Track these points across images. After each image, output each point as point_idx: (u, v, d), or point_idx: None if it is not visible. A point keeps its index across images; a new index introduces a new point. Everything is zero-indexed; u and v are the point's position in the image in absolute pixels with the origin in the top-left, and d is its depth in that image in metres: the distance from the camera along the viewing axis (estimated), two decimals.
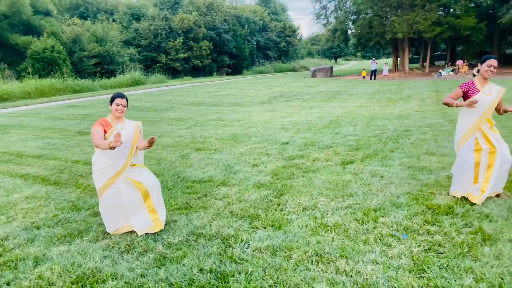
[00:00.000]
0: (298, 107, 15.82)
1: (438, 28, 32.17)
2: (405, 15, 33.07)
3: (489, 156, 4.45)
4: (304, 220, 4.19)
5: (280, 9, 78.39)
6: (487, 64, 4.34)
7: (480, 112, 4.39)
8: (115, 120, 3.98)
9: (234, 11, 59.19)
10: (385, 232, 3.80)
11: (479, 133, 4.45)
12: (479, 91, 4.40)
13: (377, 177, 5.61)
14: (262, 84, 31.41)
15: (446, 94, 17.65)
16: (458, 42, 41.14)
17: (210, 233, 3.97)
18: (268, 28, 65.43)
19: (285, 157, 7.12)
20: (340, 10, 42.25)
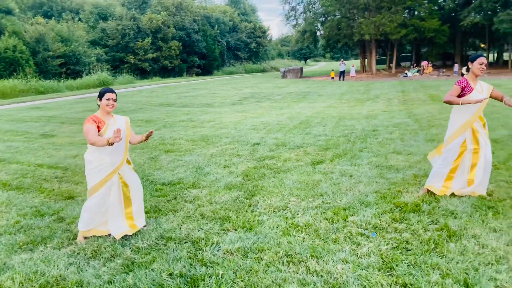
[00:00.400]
0: (269, 107, 15.87)
1: (404, 30, 33.08)
2: (372, 17, 33.81)
3: (473, 156, 4.54)
4: (275, 220, 4.18)
5: (250, 10, 78.53)
6: (478, 61, 4.41)
7: (473, 110, 4.46)
8: (105, 115, 3.86)
9: (204, 12, 58.83)
10: (355, 231, 3.85)
11: (469, 132, 4.51)
12: (473, 89, 4.46)
13: (346, 176, 5.68)
14: (232, 84, 31.35)
15: (411, 95, 18.19)
16: (422, 43, 42.45)
17: (180, 237, 3.90)
18: (238, 28, 65.40)
19: (256, 157, 7.11)
20: (309, 11, 42.74)
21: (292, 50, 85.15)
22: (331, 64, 71.17)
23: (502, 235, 3.60)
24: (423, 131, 8.86)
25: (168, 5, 50.64)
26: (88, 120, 3.75)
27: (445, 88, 20.23)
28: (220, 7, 67.19)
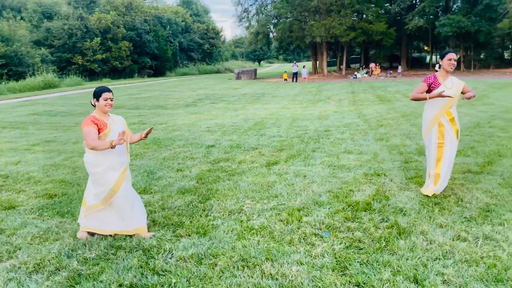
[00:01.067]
0: (224, 109, 15.79)
1: (353, 33, 34.14)
2: (322, 20, 34.63)
3: (438, 150, 4.63)
4: (230, 224, 4.12)
5: (202, 10, 77.96)
6: (447, 57, 4.47)
7: (440, 105, 4.54)
8: (103, 116, 3.77)
9: (155, 12, 57.70)
10: (309, 231, 3.87)
11: (436, 127, 4.60)
12: (441, 84, 4.52)
13: (300, 177, 5.72)
14: (186, 86, 30.94)
15: (361, 96, 18.77)
16: (371, 46, 44.05)
17: (130, 245, 3.75)
18: (191, 29, 64.73)
19: (211, 160, 7.01)
20: (262, 13, 43.06)
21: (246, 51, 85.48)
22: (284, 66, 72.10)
23: (448, 230, 3.75)
24: (372, 130, 9.14)
25: (118, 5, 49.20)
26: (87, 122, 3.63)
27: (392, 89, 21.07)
28: (172, 8, 66.18)
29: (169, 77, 50.66)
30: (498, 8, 30.99)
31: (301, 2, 34.78)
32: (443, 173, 4.62)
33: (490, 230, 3.69)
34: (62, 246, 3.77)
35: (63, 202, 5.05)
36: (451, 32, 32.08)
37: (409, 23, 34.66)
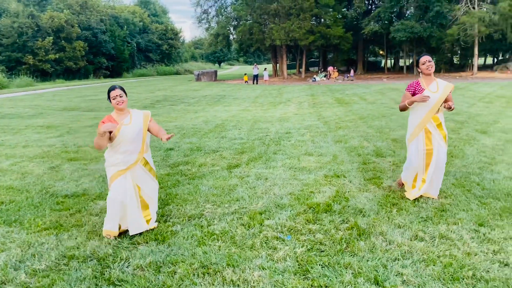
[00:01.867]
0: (183, 111, 15.54)
1: (312, 37, 34.71)
2: (282, 23, 34.96)
3: (426, 156, 4.50)
4: (190, 230, 4.01)
5: (160, 11, 76.67)
6: (421, 61, 4.40)
7: (426, 110, 4.41)
8: (120, 114, 3.85)
9: (112, 11, 56.11)
10: (271, 235, 3.82)
11: (422, 133, 4.48)
12: (425, 89, 4.41)
13: (261, 180, 5.69)
14: (144, 87, 30.26)
15: (320, 98, 19.07)
16: (329, 50, 44.97)
17: (84, 255, 3.55)
18: (149, 30, 63.49)
19: (170, 164, 6.84)
20: (221, 15, 42.91)
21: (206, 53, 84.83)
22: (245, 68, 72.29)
23: (406, 230, 3.83)
24: (331, 132, 9.28)
25: (72, 3, 47.44)
26: (101, 122, 3.75)
27: (350, 92, 21.58)
28: (129, 8, 64.63)
29: (126, 78, 49.43)
30: (447, 15, 32.55)
31: (260, 5, 34.97)
32: (429, 178, 4.52)
33: (446, 230, 3.80)
34: (8, 258, 3.53)
35: (11, 210, 4.74)
36: (405, 37, 33.34)
37: (365, 28, 35.73)
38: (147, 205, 4.01)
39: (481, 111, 12.09)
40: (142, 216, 3.97)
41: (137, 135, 3.83)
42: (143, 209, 3.98)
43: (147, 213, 4.02)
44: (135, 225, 3.90)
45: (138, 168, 3.91)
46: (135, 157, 3.84)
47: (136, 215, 3.90)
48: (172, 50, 67.41)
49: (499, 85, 22.55)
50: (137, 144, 3.84)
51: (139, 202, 3.93)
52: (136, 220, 3.90)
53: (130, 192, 3.85)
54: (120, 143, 3.77)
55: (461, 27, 30.43)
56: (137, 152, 3.86)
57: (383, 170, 6.02)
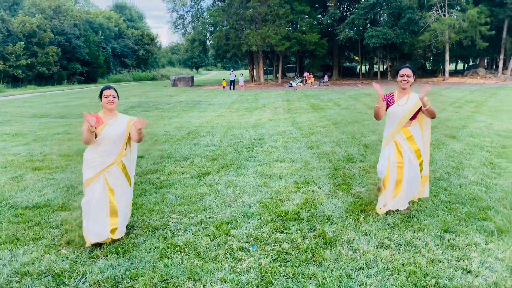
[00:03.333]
0: (157, 117, 15.31)
1: (288, 43, 34.91)
2: (258, 29, 35.06)
3: (397, 171, 4.30)
4: (153, 242, 3.88)
5: (137, 16, 75.85)
6: (400, 74, 4.26)
7: (395, 121, 4.30)
8: (107, 114, 3.87)
9: (86, 16, 55.12)
10: (236, 245, 3.73)
11: (392, 146, 4.35)
12: (395, 102, 4.31)
13: (231, 188, 5.59)
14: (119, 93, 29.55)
15: (295, 104, 19.13)
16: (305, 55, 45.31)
17: (39, 270, 3.38)
18: (125, 35, 62.68)
19: (138, 172, 6.65)
20: (198, 21, 42.75)
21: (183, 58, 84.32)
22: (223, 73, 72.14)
23: (372, 238, 3.80)
24: (304, 138, 9.27)
25: (44, 8, 46.37)
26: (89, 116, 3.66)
27: (325, 98, 21.74)
28: (105, 13, 63.69)
29: (102, 84, 48.50)
30: (419, 22, 33.28)
31: (237, 11, 35.00)
32: (403, 194, 4.33)
33: (411, 237, 3.79)
34: None
35: None
36: (378, 43, 33.90)
37: (340, 34, 36.16)
38: (116, 212, 3.87)
39: (451, 116, 12.34)
40: (108, 224, 3.83)
41: (119, 137, 3.81)
42: (111, 217, 3.85)
43: (114, 222, 3.87)
44: (97, 231, 3.77)
45: (115, 170, 3.86)
46: (113, 159, 3.82)
47: (101, 221, 3.78)
48: (149, 56, 66.71)
49: (469, 90, 23.16)
50: (117, 146, 3.82)
51: (108, 208, 3.83)
52: (99, 226, 3.77)
53: (100, 196, 3.77)
54: (101, 142, 3.77)
55: (432, 34, 31.17)
56: (116, 154, 3.83)
57: (353, 176, 6.02)
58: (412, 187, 4.38)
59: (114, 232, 3.87)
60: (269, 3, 34.19)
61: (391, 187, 4.34)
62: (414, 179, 4.34)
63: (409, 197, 4.45)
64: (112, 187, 3.86)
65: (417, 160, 4.31)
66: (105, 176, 3.82)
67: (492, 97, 18.76)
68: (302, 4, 36.19)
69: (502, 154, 7.15)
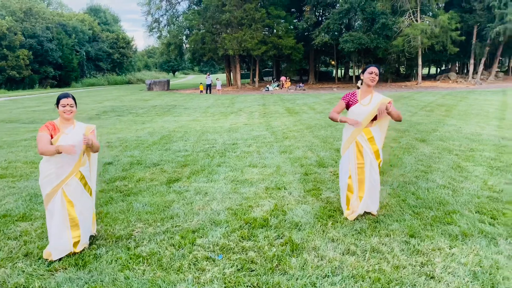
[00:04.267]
0: (130, 122, 15.05)
1: (264, 47, 35.01)
2: (234, 33, 35.03)
3: (358, 171, 4.33)
4: (115, 253, 3.75)
5: (112, 19, 74.79)
6: (368, 71, 4.24)
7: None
8: (64, 123, 3.72)
9: (59, 19, 53.98)
10: (201, 255, 3.64)
11: (353, 146, 4.32)
12: (358, 102, 4.29)
13: (201, 194, 5.50)
14: (92, 97, 29.21)
15: (271, 108, 19.15)
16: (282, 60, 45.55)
17: None
18: (99, 38, 61.68)
19: (106, 179, 6.49)
20: (173, 24, 42.41)
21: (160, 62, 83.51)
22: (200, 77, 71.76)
23: (339, 244, 3.78)
24: (278, 143, 9.25)
25: (15, 10, 45.13)
26: (42, 127, 3.64)
27: (301, 102, 21.86)
28: (78, 15, 62.47)
29: (75, 88, 47.57)
30: (393, 27, 33.93)
31: (212, 15, 34.89)
32: (366, 194, 4.33)
33: (377, 242, 3.78)
34: None
35: None
36: (353, 48, 34.40)
37: (316, 39, 36.52)
38: (77, 225, 3.72)
39: (422, 119, 12.57)
40: (70, 237, 3.69)
41: (76, 147, 3.60)
42: (72, 230, 3.71)
43: (76, 234, 3.73)
44: (58, 247, 3.64)
45: (73, 182, 3.70)
46: (69, 170, 3.66)
47: (63, 235, 3.64)
48: (124, 59, 65.83)
49: (440, 94, 23.70)
50: (73, 157, 3.65)
51: (68, 221, 3.68)
52: (61, 241, 3.64)
53: (59, 209, 3.63)
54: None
55: (405, 39, 31.81)
56: (72, 165, 3.67)
57: (323, 181, 6.01)
58: (376, 190, 4.38)
59: (76, 245, 3.73)
60: (245, 7, 34.24)
61: (355, 191, 4.36)
62: (376, 181, 4.35)
63: (376, 200, 4.44)
64: (71, 199, 3.70)
65: (376, 161, 4.34)
66: (63, 188, 3.65)
67: (462, 101, 19.25)
68: (278, 8, 36.41)
69: (469, 157, 7.29)
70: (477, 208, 4.65)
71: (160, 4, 41.53)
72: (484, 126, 10.95)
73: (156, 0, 41.46)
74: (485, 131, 10.05)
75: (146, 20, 48.07)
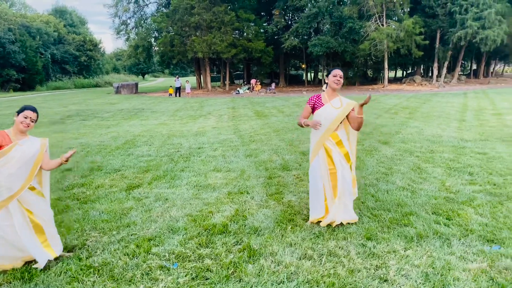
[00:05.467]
0: (94, 126, 14.65)
1: (234, 50, 34.94)
2: (204, 36, 34.81)
3: (331, 177, 4.21)
4: (66, 264, 3.59)
5: (78, 21, 72.93)
6: (333, 74, 4.20)
7: (325, 126, 4.15)
8: (17, 134, 3.55)
9: (22, 20, 52.10)
10: (155, 264, 3.54)
11: (323, 151, 4.22)
12: (324, 104, 4.21)
13: (161, 201, 5.38)
14: (57, 101, 28.33)
15: (240, 111, 19.10)
16: (252, 63, 45.62)
17: None
18: (65, 40, 59.97)
19: (63, 187, 6.26)
20: (141, 26, 41.76)
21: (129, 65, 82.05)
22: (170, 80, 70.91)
23: (297, 249, 3.76)
24: (244, 146, 9.21)
25: None
26: None
27: (270, 105, 21.93)
28: (43, 17, 60.53)
29: (40, 92, 46.01)
30: (360, 31, 34.61)
31: (181, 17, 34.53)
32: (341, 199, 4.21)
33: (334, 246, 3.79)
34: None
35: None
36: (322, 51, 34.83)
37: (285, 42, 36.77)
38: (42, 229, 3.59)
39: (386, 122, 12.82)
40: (40, 242, 3.56)
41: (28, 160, 3.50)
42: (38, 234, 3.58)
43: (43, 239, 3.60)
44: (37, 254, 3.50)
45: (26, 193, 3.52)
46: (20, 184, 3.46)
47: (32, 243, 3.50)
48: (91, 62, 64.26)
49: (405, 97, 24.31)
50: (25, 170, 3.48)
51: (31, 228, 3.54)
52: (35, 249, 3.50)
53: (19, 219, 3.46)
54: (7, 163, 3.39)
55: (372, 43, 32.48)
56: (24, 179, 3.49)
57: (286, 184, 6.00)
58: (350, 195, 4.28)
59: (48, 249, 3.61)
60: (214, 10, 34.09)
61: (330, 198, 4.23)
62: (349, 184, 4.24)
63: (348, 204, 4.28)
64: (29, 208, 3.55)
65: (347, 164, 4.25)
66: (18, 199, 3.48)
67: (425, 103, 19.79)
68: (247, 12, 36.44)
69: (429, 159, 7.47)
70: (434, 209, 4.74)
71: (127, 6, 40.79)
72: (445, 128, 11.27)
73: (124, 2, 40.69)
74: (445, 133, 10.34)
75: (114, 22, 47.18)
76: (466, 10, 31.68)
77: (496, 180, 5.92)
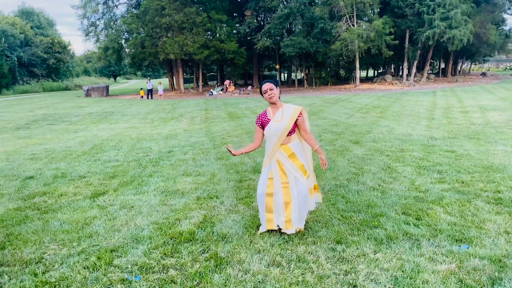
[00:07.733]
0: (62, 131, 14.18)
1: (206, 51, 34.66)
2: (175, 37, 34.38)
3: (283, 191, 4.00)
4: (20, 280, 3.37)
5: (46, 23, 70.82)
6: (263, 90, 3.98)
7: (273, 140, 3.99)
8: None
9: None
10: (117, 277, 3.36)
11: (275, 164, 4.02)
12: (270, 119, 4.01)
13: (126, 209, 5.17)
14: (23, 105, 27.38)
15: (213, 113, 18.91)
16: (226, 64, 45.40)
17: None
18: (33, 43, 58.16)
19: (24, 195, 5.96)
20: (111, 28, 40.91)
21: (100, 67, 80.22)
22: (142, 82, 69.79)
23: (265, 255, 3.65)
24: (215, 149, 9.05)
25: None
26: None
27: (243, 106, 21.81)
28: (8, 18, 58.49)
29: (6, 96, 44.46)
30: (331, 32, 34.96)
31: (152, 19, 33.98)
32: (295, 216, 3.98)
33: (304, 251, 3.70)
34: None
35: None
36: (294, 52, 34.98)
37: (258, 43, 36.76)
38: None
39: (357, 121, 12.91)
40: None
41: None
42: None
43: None
44: None
45: None
46: None
47: None
48: (60, 65, 62.53)
49: (376, 96, 24.66)
50: None
51: None
52: None
53: None
54: None
55: (343, 43, 32.85)
56: None
57: (256, 187, 5.88)
58: (304, 207, 4.05)
59: None
60: (185, 11, 33.73)
61: (280, 209, 4.01)
62: (304, 197, 4.00)
63: (303, 216, 4.07)
64: None
65: (304, 176, 4.03)
66: None
67: (396, 102, 20.12)
68: (219, 13, 36.21)
69: (399, 158, 7.51)
70: (404, 209, 4.73)
71: (96, 7, 39.86)
72: (415, 127, 11.43)
73: (92, 3, 39.73)
74: (415, 132, 10.48)
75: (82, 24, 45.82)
76: (434, 10, 32.48)
77: (464, 178, 5.99)
